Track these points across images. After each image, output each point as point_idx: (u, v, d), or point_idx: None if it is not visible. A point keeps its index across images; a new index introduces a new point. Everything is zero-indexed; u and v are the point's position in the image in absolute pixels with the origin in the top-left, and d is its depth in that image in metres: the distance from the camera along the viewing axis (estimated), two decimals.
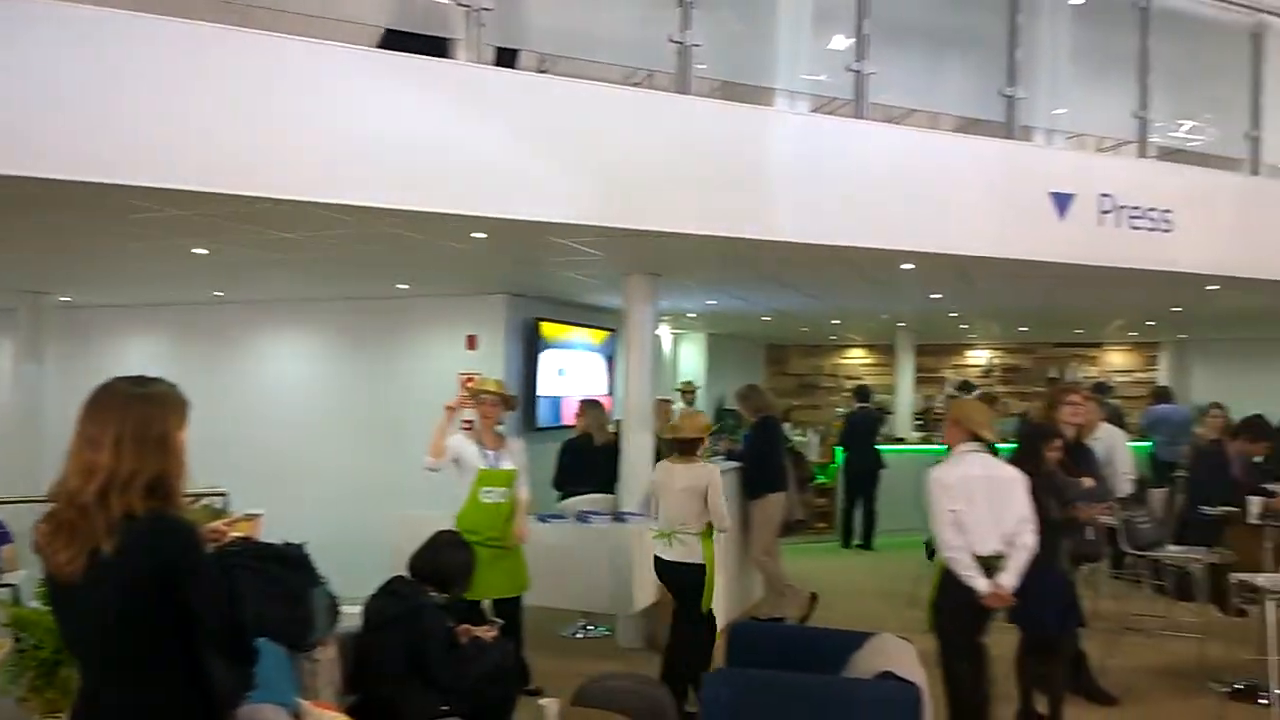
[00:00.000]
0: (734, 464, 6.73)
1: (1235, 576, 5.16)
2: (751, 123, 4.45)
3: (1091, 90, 5.51)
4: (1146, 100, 5.25)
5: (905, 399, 13.18)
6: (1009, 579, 4.02)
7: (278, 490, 7.27)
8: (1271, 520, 5.38)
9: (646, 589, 5.79)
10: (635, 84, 4.39)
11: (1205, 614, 5.81)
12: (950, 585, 4.10)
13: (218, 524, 2.14)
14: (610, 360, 9.12)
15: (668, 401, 8.12)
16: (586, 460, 6.62)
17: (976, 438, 4.20)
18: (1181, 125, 5.73)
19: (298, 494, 7.65)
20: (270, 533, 2.57)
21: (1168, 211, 5.28)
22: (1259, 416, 6.25)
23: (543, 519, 6.00)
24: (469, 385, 5.18)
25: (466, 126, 3.83)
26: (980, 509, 4.06)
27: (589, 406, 6.95)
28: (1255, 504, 5.42)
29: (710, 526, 4.83)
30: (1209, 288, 6.59)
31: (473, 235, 4.77)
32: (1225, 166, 5.78)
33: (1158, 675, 5.55)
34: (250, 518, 2.32)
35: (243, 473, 6.65)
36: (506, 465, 4.94)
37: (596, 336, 8.98)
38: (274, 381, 8.70)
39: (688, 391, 10.66)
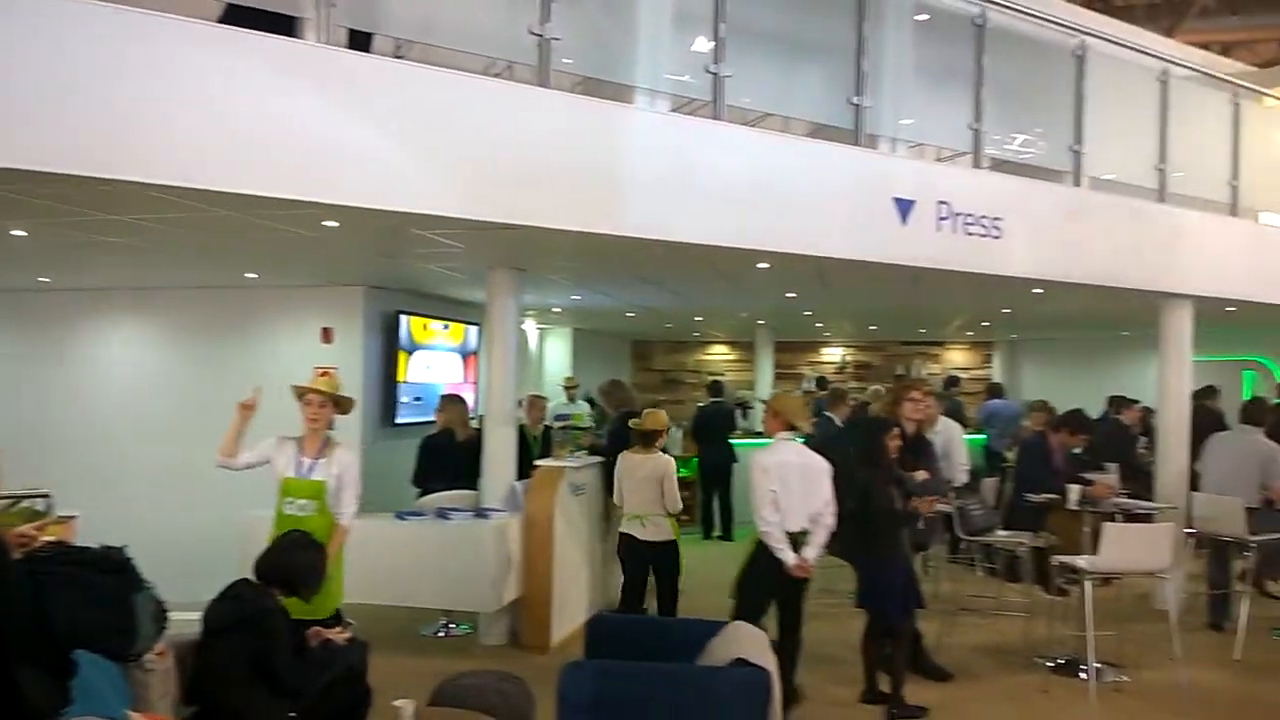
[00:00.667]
0: (596, 459, 6.76)
1: (1057, 558, 5.57)
2: (612, 119, 4.47)
3: (932, 102, 5.84)
4: (981, 113, 5.61)
5: (765, 394, 13.61)
6: (812, 553, 4.59)
7: (113, 491, 6.83)
8: (1089, 506, 5.82)
9: (509, 585, 5.74)
10: (495, 75, 4.33)
11: (1031, 594, 6.26)
12: (762, 557, 4.59)
13: (26, 528, 1.97)
14: (466, 358, 8.98)
15: (541, 397, 8.06)
16: (447, 456, 6.48)
17: (793, 428, 4.74)
18: (1012, 138, 6.16)
19: (136, 495, 7.19)
20: (105, 536, 2.40)
21: (998, 219, 5.67)
22: (1078, 411, 6.78)
23: (401, 516, 5.86)
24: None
25: (316, 110, 3.67)
26: (793, 491, 4.57)
27: (450, 401, 6.81)
28: (1074, 491, 5.84)
29: None
30: (1035, 291, 7.13)
31: (324, 224, 4.58)
32: (1050, 178, 6.26)
33: (989, 652, 5.94)
34: (63, 520, 2.16)
35: (75, 473, 6.21)
36: (317, 476, 4.37)
37: (455, 335, 8.82)
38: (109, 375, 8.11)
39: (571, 387, 10.64)
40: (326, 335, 7.61)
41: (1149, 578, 5.77)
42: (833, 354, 15.41)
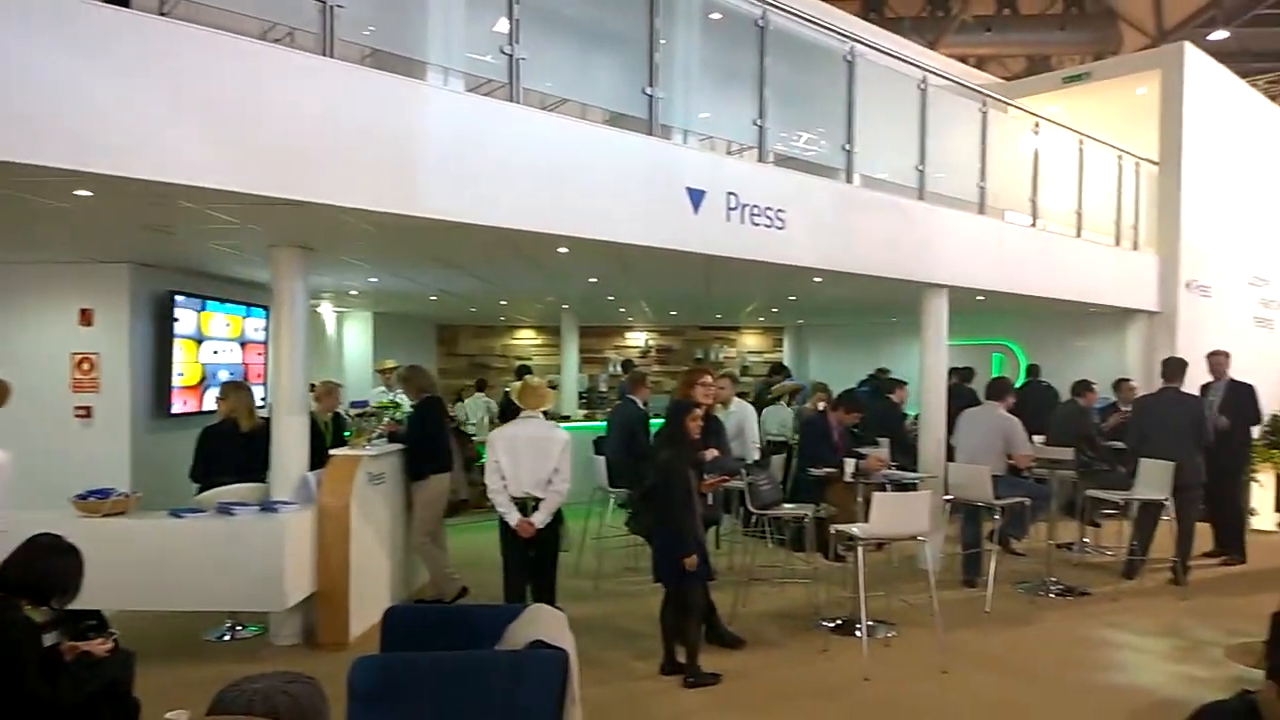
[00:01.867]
0: (397, 445, 6.57)
1: (835, 528, 6.00)
2: (402, 95, 4.33)
3: (721, 98, 6.10)
4: (764, 110, 5.92)
5: (571, 378, 13.74)
6: (539, 517, 5.22)
7: None
8: (862, 478, 6.32)
9: (301, 581, 5.48)
10: (275, 41, 4.07)
11: (814, 561, 6.72)
12: (502, 521, 5.26)
13: None
14: (244, 347, 8.44)
15: (335, 383, 7.67)
16: (231, 448, 6.06)
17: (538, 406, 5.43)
18: (795, 136, 6.55)
19: None
20: None
21: (782, 211, 6.02)
22: (852, 391, 7.34)
23: (177, 514, 5.43)
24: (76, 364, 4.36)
25: (60, 66, 3.31)
26: (521, 460, 5.21)
27: (232, 389, 6.35)
28: (850, 465, 6.33)
29: None
30: (815, 280, 7.63)
31: (75, 193, 4.12)
32: (827, 174, 6.71)
33: (777, 618, 6.32)
34: None
35: None
36: None
37: (234, 330, 8.24)
38: None
39: (388, 371, 10.19)
40: (85, 317, 6.90)
41: (914, 541, 6.33)
42: (637, 338, 15.80)
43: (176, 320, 7.35)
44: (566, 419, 11.90)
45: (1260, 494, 9.42)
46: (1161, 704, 4.80)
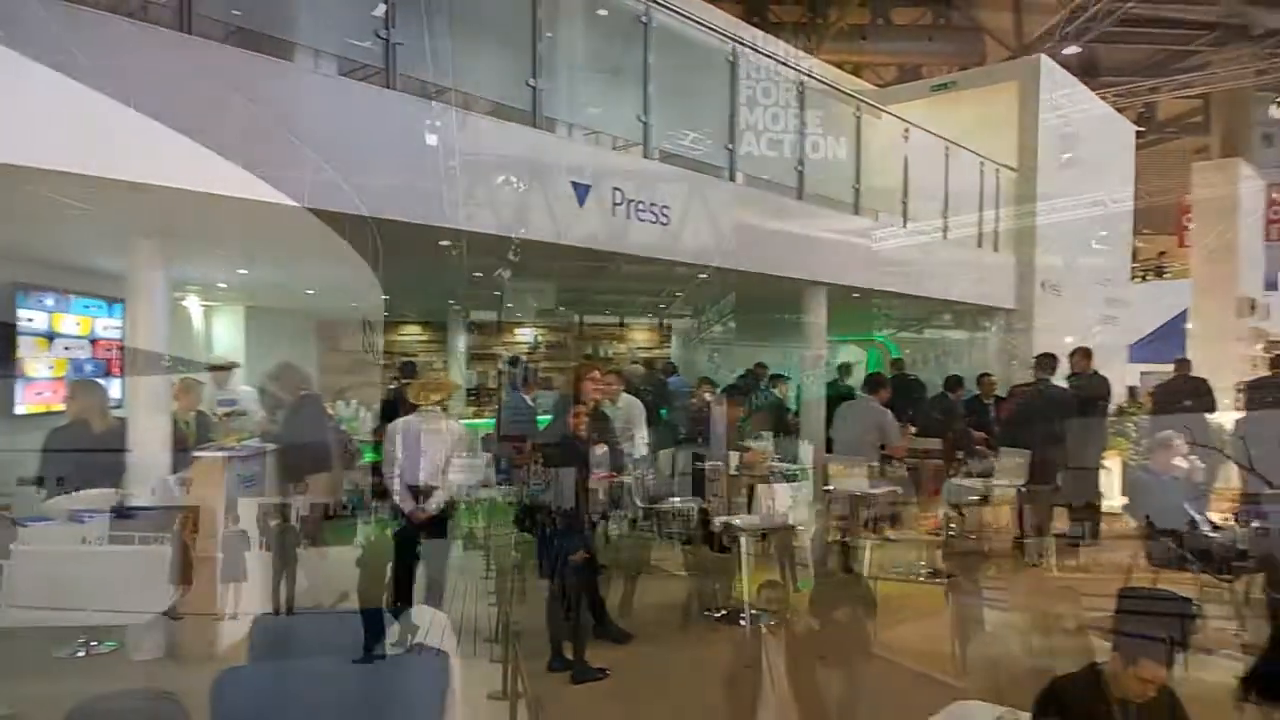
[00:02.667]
0: (270, 445, 6.28)
1: (720, 519, 6.10)
2: (264, 75, 4.12)
3: (607, 93, 6.10)
4: (649, 107, 5.96)
5: (459, 375, 13.49)
6: (431, 505, 5.44)
7: None
8: (746, 471, 6.44)
9: (161, 591, 5.16)
10: (127, 15, 3.79)
11: (700, 553, 6.80)
12: (393, 514, 5.50)
13: None
14: (94, 344, 7.90)
15: (197, 380, 7.25)
16: (82, 451, 5.65)
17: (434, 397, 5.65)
18: (682, 134, 6.61)
19: None
20: None
21: (667, 207, 6.07)
22: (735, 385, 7.50)
23: (20, 523, 5.03)
24: None
25: None
26: (414, 451, 5.45)
27: (82, 388, 5.93)
28: (734, 458, 6.44)
29: None
30: (701, 276, 7.74)
31: None
32: (713, 173, 6.81)
33: (665, 610, 6.37)
34: None
35: None
36: None
37: (83, 329, 7.69)
38: None
39: (219, 369, 9.64)
40: None
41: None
42: (526, 334, 15.63)
43: (31, 320, 6.81)
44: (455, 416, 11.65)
45: (1107, 479, 10.12)
46: (1021, 676, 5.08)
